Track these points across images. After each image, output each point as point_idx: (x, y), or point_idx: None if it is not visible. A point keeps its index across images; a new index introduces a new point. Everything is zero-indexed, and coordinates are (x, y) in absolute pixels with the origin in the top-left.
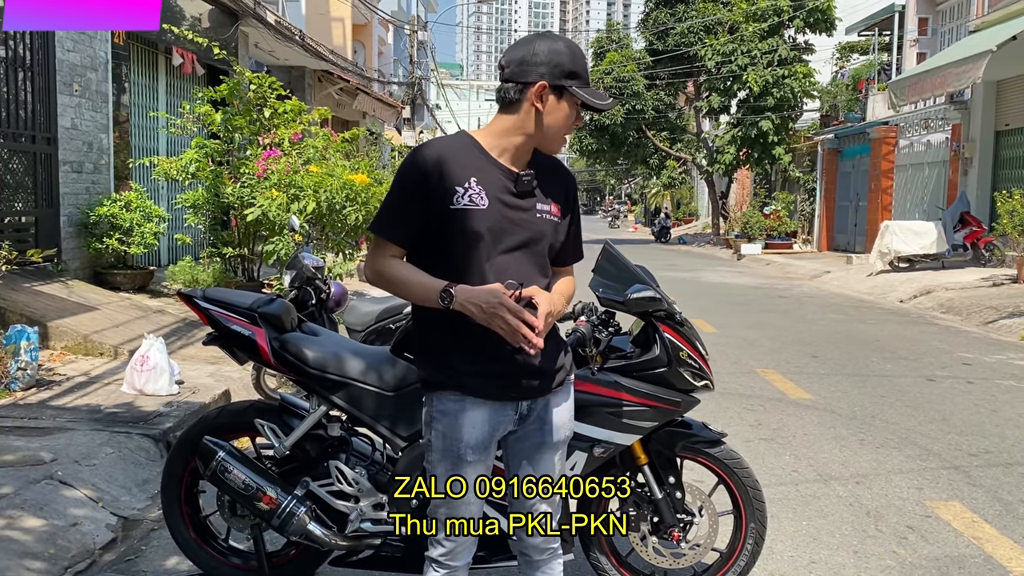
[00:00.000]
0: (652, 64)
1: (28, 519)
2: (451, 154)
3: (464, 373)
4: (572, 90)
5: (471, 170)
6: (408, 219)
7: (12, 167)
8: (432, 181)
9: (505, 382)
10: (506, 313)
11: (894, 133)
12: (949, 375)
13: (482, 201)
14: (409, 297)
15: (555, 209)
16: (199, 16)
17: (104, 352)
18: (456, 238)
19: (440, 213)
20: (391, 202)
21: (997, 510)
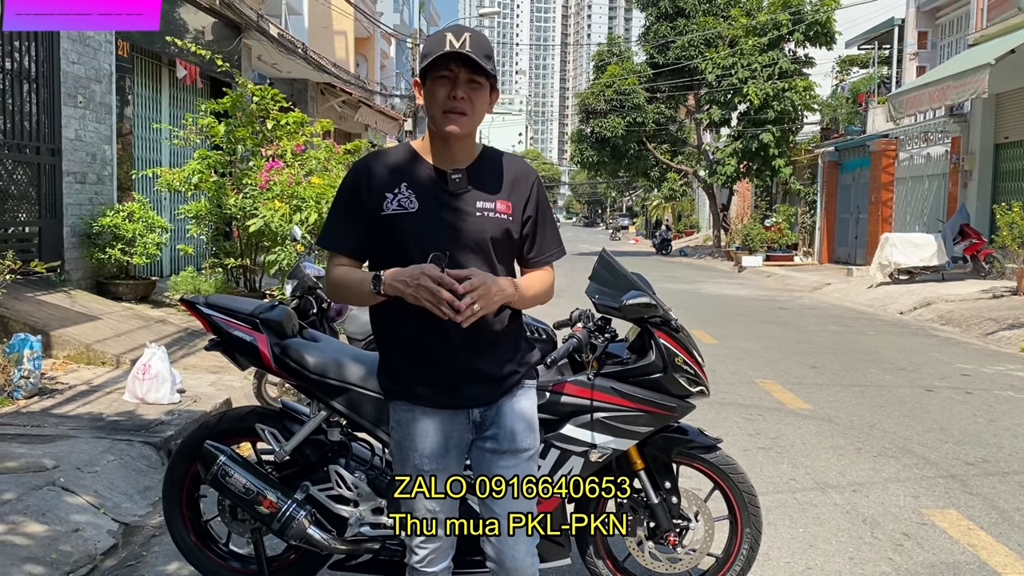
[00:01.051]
0: (653, 77)
1: (30, 524)
2: (385, 161)
3: (410, 381)
4: (422, 68)
5: (402, 175)
6: (348, 228)
7: (16, 178)
8: (363, 188)
9: (450, 390)
10: (428, 281)
11: (894, 146)
12: (948, 386)
13: (411, 204)
14: (356, 298)
15: (502, 206)
16: (203, 29)
17: (106, 361)
18: (391, 243)
19: (375, 220)
20: (332, 212)
21: (993, 518)
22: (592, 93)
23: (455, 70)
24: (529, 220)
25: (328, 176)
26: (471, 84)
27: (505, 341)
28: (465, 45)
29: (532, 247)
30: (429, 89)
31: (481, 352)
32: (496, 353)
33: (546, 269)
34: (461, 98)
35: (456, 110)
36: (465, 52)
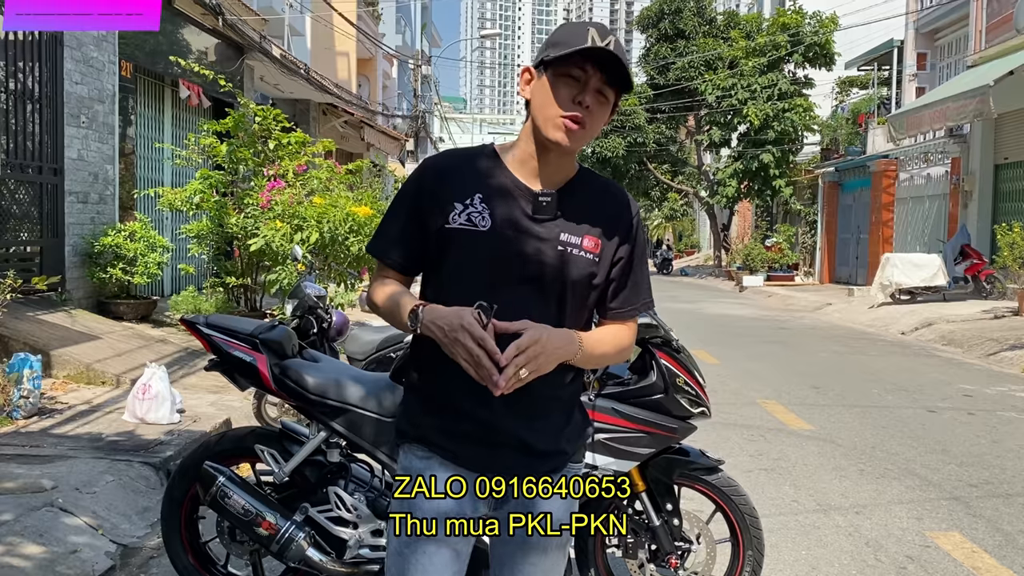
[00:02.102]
0: (653, 98)
1: (28, 546)
2: (460, 164)
3: (432, 427)
4: (546, 56)
5: (478, 184)
6: (404, 237)
7: (18, 197)
8: (429, 193)
9: (478, 449)
10: (467, 338)
11: (894, 166)
12: (950, 406)
13: (483, 222)
14: (394, 322)
15: (590, 243)
16: (205, 50)
17: (106, 381)
18: (448, 263)
19: (435, 232)
20: (388, 217)
21: (997, 540)
22: None
23: (589, 72)
24: (620, 263)
25: (330, 196)
26: (599, 95)
27: (556, 407)
28: (610, 46)
29: (616, 296)
30: (550, 85)
31: (524, 415)
32: (543, 420)
33: (628, 324)
34: (587, 106)
35: (576, 119)
36: (611, 52)
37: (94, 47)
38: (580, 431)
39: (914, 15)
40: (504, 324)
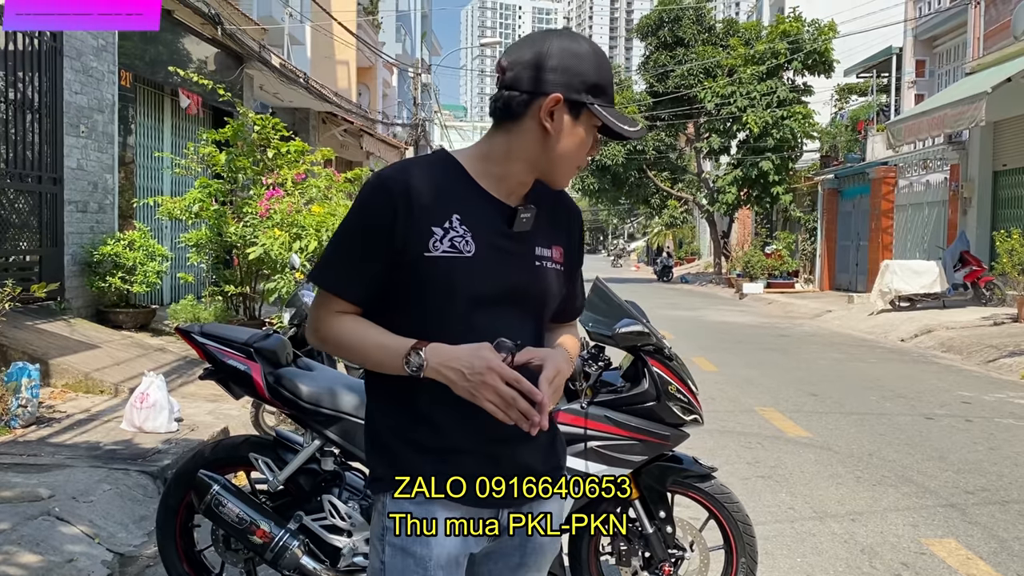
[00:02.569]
0: (653, 106)
1: (24, 555)
2: (427, 181)
3: (430, 466)
4: (594, 109)
5: (453, 204)
6: (367, 268)
7: (18, 207)
8: (402, 219)
9: (482, 481)
10: (497, 381)
11: (893, 173)
12: (948, 413)
13: (467, 247)
14: (366, 363)
15: (557, 255)
16: (205, 59)
17: (105, 390)
18: (428, 292)
19: (409, 262)
20: (346, 246)
21: (993, 547)
22: None
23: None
24: (573, 267)
25: (328, 204)
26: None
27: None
28: (639, 131)
29: (569, 300)
30: (577, 130)
31: (525, 440)
32: (540, 441)
33: (575, 325)
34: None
35: (582, 167)
36: (637, 134)
37: (94, 57)
38: (562, 446)
39: (912, 22)
40: (525, 356)
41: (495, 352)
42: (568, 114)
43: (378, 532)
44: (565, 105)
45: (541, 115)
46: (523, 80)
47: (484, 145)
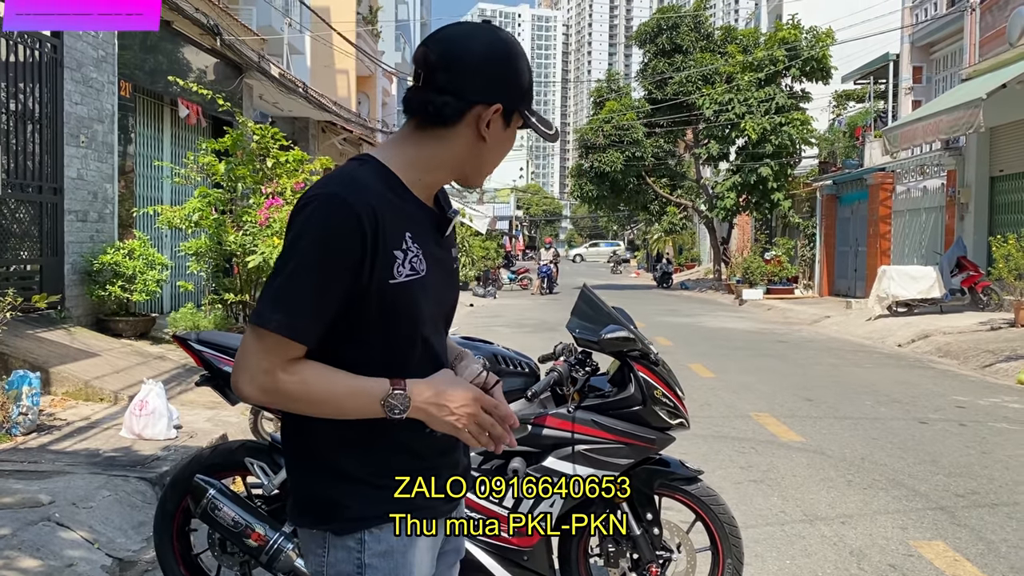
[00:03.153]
0: (651, 112)
1: (25, 560)
2: (385, 202)
3: (419, 497)
4: (524, 115)
5: (403, 221)
6: (328, 305)
7: (18, 216)
8: (370, 247)
9: (447, 492)
10: (479, 411)
11: (891, 179)
12: (942, 418)
13: (421, 265)
14: (324, 413)
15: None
16: (204, 69)
17: (104, 398)
18: (391, 321)
19: (374, 289)
20: (304, 282)
21: (980, 549)
22: (591, 128)
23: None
24: None
25: None
26: None
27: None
28: (557, 134)
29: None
30: (508, 134)
31: (459, 445)
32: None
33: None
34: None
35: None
36: (553, 138)
37: (93, 68)
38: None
39: (909, 29)
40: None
41: (469, 383)
42: (502, 120)
43: (350, 570)
44: (502, 113)
45: (479, 124)
46: (462, 86)
47: (411, 151)
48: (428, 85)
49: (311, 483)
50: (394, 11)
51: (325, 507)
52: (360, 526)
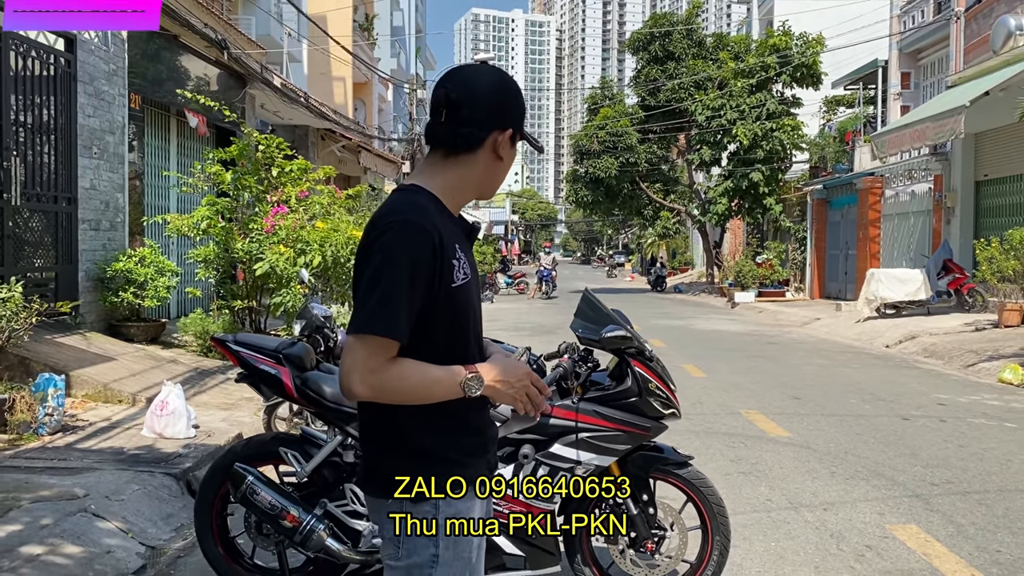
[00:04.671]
0: (645, 119)
1: (68, 546)
2: (438, 220)
3: (475, 466)
4: (525, 134)
5: (454, 236)
6: (414, 309)
7: (33, 225)
8: (438, 260)
9: (491, 459)
10: (530, 386)
11: (880, 184)
12: (923, 414)
13: (469, 271)
14: (420, 399)
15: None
16: (209, 80)
17: (123, 399)
18: (452, 318)
19: (441, 294)
20: (399, 291)
21: (950, 531)
22: (585, 134)
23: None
24: None
25: (331, 220)
26: None
27: None
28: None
29: None
30: (513, 150)
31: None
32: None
33: None
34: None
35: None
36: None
37: (105, 81)
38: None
39: (897, 36)
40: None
41: (523, 363)
42: (510, 142)
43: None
44: (510, 136)
45: (497, 148)
46: (482, 118)
47: (444, 176)
48: (452, 119)
49: (395, 460)
50: (389, 19)
51: (405, 475)
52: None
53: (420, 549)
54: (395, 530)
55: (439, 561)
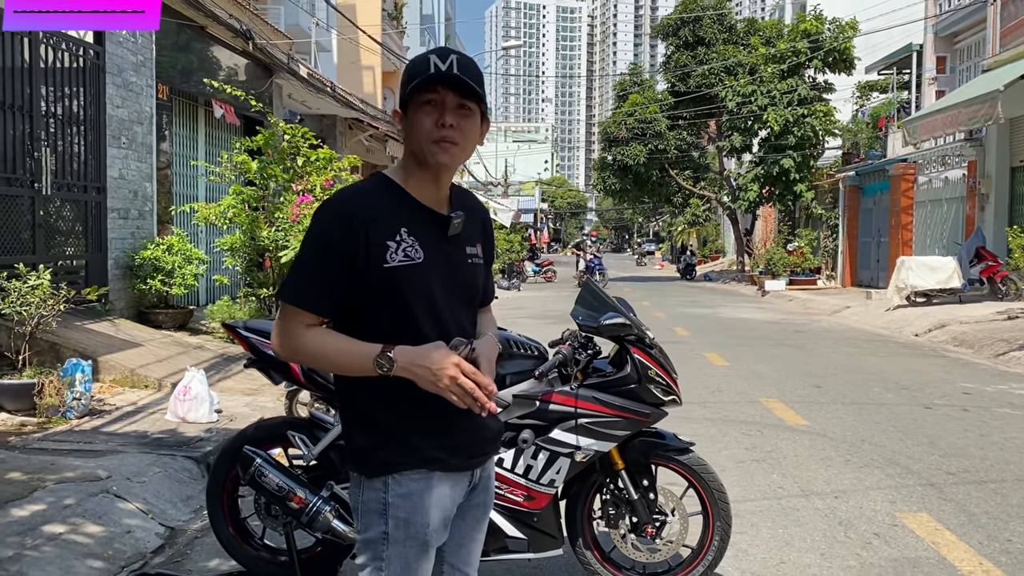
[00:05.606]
0: (674, 105)
1: (89, 526)
2: (376, 201)
3: (429, 448)
4: (405, 95)
5: (400, 218)
6: (334, 285)
7: (65, 215)
8: (363, 238)
9: (470, 452)
10: (459, 374)
11: (913, 170)
12: (946, 403)
13: (416, 254)
14: (337, 369)
15: (480, 251)
16: (237, 70)
17: (149, 384)
18: (392, 300)
19: (369, 274)
20: (312, 267)
21: (961, 520)
22: (614, 122)
23: (442, 94)
24: (488, 262)
25: None
26: (461, 110)
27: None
28: (453, 67)
29: (487, 289)
30: (412, 118)
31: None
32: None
33: (490, 309)
34: (451, 126)
35: (447, 139)
36: (453, 74)
37: (133, 72)
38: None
39: (933, 19)
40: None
41: (453, 350)
42: (404, 117)
43: (377, 507)
44: (400, 112)
45: (399, 126)
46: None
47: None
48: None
49: (353, 433)
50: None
51: (361, 453)
52: (386, 470)
53: (373, 525)
54: (354, 503)
55: (389, 539)
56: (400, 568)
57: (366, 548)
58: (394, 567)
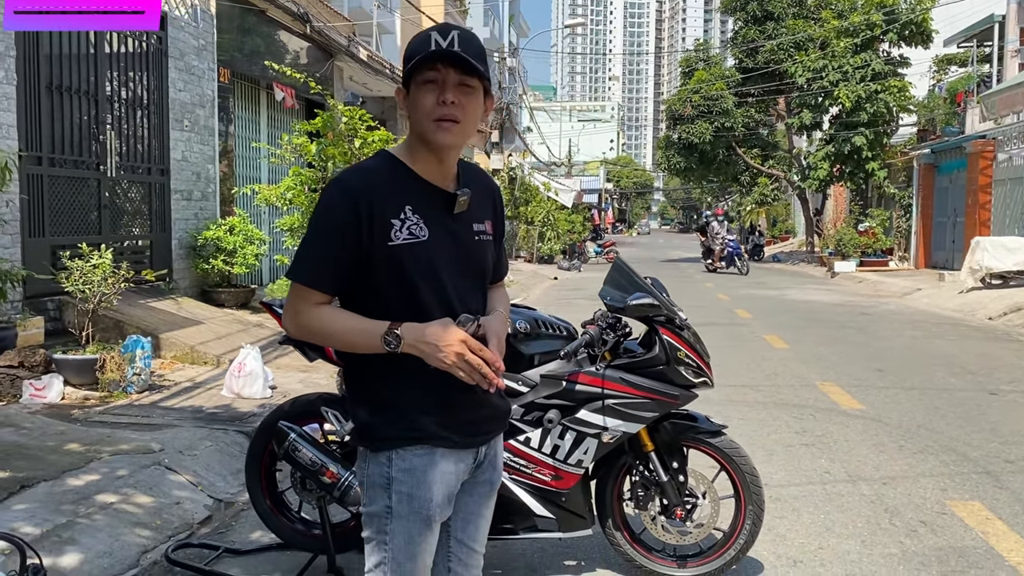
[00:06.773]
0: (742, 81)
1: (140, 496)
2: (381, 181)
3: (433, 424)
4: (409, 71)
5: (404, 196)
6: (340, 263)
7: (131, 196)
8: (366, 217)
9: (473, 430)
10: (466, 350)
11: (991, 147)
12: (1015, 389)
13: (421, 231)
14: (345, 346)
15: (489, 227)
16: (297, 53)
17: (208, 361)
18: (398, 277)
19: (379, 252)
20: (318, 246)
21: (1015, 510)
22: (679, 99)
23: (443, 72)
24: (498, 236)
25: None
26: (462, 88)
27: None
28: (453, 44)
29: (498, 266)
30: (414, 96)
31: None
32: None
33: (503, 285)
34: (452, 103)
35: (447, 117)
36: (454, 51)
37: (195, 56)
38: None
39: None
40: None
41: (459, 327)
42: (406, 95)
43: (381, 481)
44: (402, 91)
45: (401, 106)
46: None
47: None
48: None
49: (359, 409)
50: None
51: (367, 428)
52: (390, 445)
53: (377, 499)
54: (360, 477)
55: (392, 514)
56: (403, 542)
57: (371, 522)
58: (397, 540)
